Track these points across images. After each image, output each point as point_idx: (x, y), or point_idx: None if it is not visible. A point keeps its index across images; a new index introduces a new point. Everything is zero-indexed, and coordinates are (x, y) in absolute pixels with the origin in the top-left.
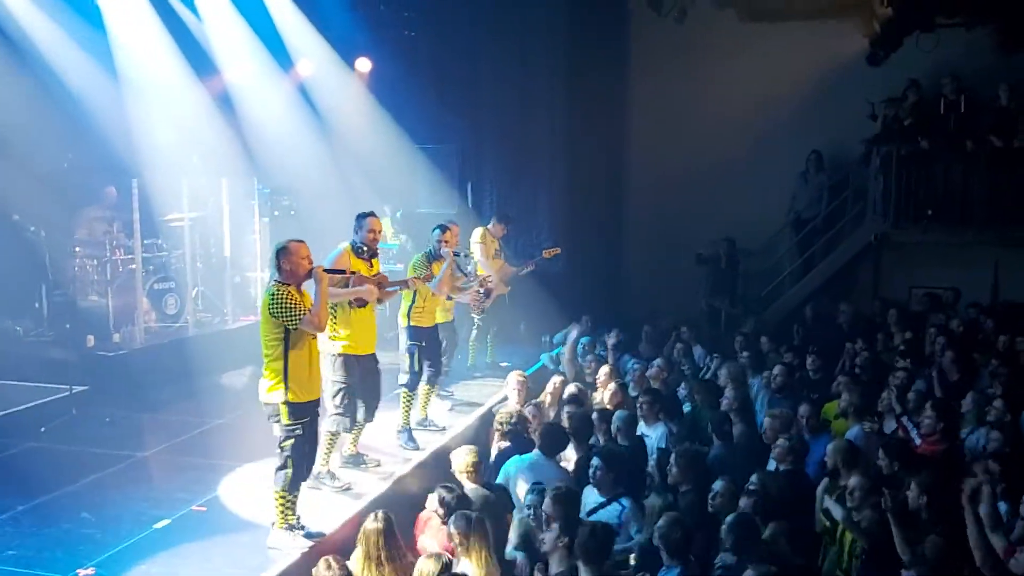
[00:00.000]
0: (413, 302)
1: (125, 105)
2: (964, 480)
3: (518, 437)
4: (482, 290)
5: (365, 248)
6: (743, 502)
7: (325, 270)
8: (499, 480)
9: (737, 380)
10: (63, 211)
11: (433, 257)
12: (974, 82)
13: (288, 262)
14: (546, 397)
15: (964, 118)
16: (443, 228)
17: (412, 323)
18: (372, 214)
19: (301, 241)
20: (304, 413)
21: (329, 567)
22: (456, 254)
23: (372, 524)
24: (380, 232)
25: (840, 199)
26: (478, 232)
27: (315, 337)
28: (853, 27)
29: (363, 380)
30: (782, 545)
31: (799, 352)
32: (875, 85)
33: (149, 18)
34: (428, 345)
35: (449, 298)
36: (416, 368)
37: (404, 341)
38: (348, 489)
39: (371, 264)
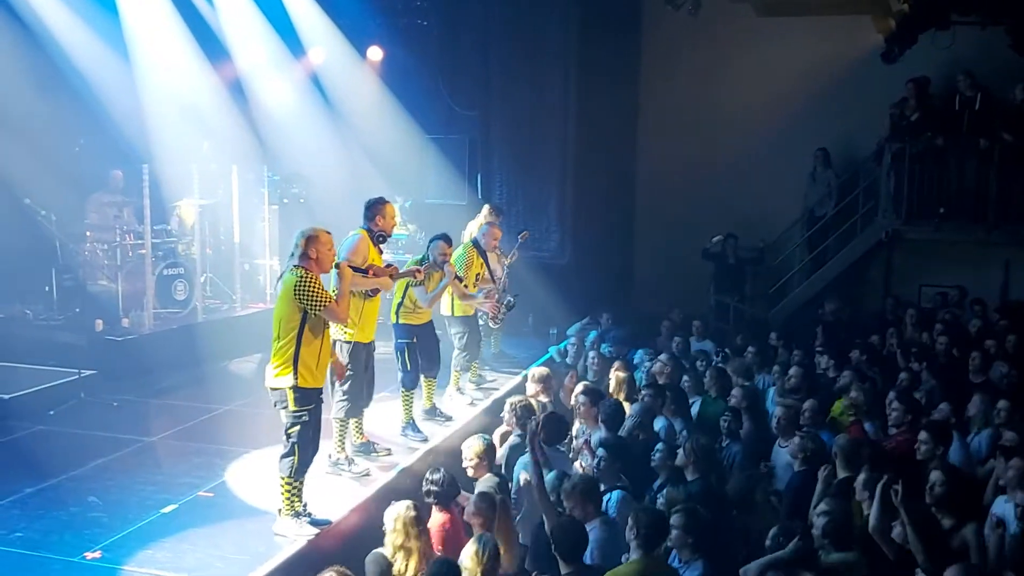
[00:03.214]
0: (402, 300)
1: (137, 91)
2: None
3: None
4: (506, 301)
5: (383, 236)
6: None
7: (352, 267)
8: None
9: (744, 377)
10: (74, 196)
11: (433, 266)
12: (989, 80)
13: (316, 250)
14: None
15: (979, 115)
16: (446, 240)
17: (401, 320)
18: (386, 200)
19: (328, 231)
20: (310, 400)
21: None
22: (458, 277)
23: (403, 512)
24: (395, 217)
25: (852, 196)
26: (473, 224)
27: (329, 327)
28: (868, 24)
29: (366, 367)
30: None
31: (810, 351)
32: (889, 82)
33: (162, 4)
34: (421, 341)
35: (473, 296)
36: (409, 367)
37: (394, 339)
38: (367, 475)
39: (380, 251)
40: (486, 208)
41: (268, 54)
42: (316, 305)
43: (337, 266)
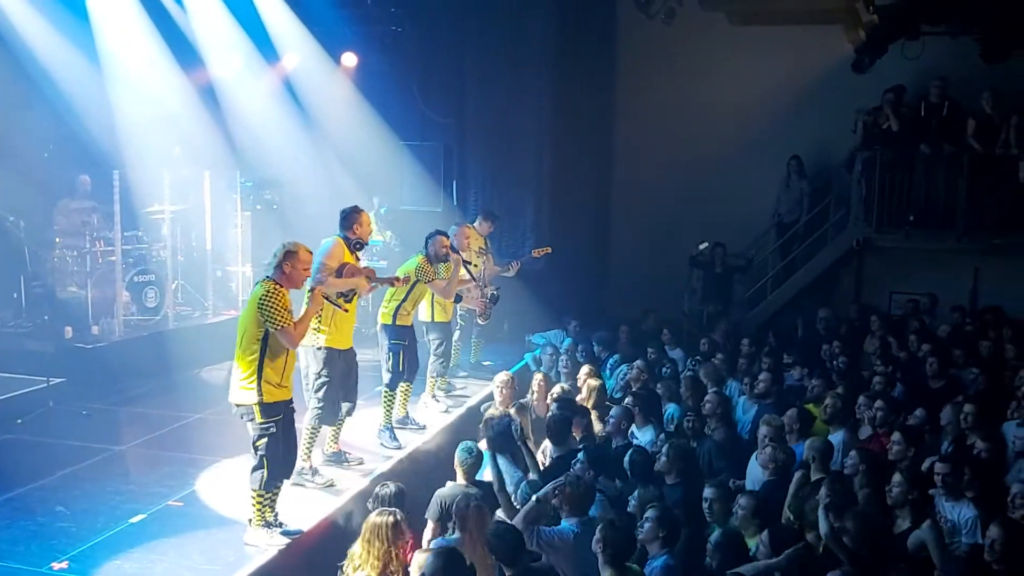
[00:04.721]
0: (402, 302)
1: (108, 96)
2: None
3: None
4: (490, 295)
5: (360, 243)
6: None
7: (326, 297)
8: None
9: (715, 384)
10: (43, 201)
11: (436, 259)
12: (959, 89)
13: (291, 266)
14: (532, 396)
15: (945, 122)
16: (443, 234)
17: (398, 323)
18: (361, 209)
19: (309, 249)
20: (277, 411)
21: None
22: (465, 262)
23: (381, 518)
24: (371, 224)
25: (823, 204)
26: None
27: None
28: (839, 33)
29: (344, 375)
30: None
31: (779, 357)
32: (860, 91)
33: (134, 8)
34: (410, 344)
35: (457, 299)
36: (400, 368)
37: (387, 340)
38: (331, 485)
39: (357, 257)
40: (480, 216)
41: (241, 59)
42: (274, 323)
43: (311, 290)
